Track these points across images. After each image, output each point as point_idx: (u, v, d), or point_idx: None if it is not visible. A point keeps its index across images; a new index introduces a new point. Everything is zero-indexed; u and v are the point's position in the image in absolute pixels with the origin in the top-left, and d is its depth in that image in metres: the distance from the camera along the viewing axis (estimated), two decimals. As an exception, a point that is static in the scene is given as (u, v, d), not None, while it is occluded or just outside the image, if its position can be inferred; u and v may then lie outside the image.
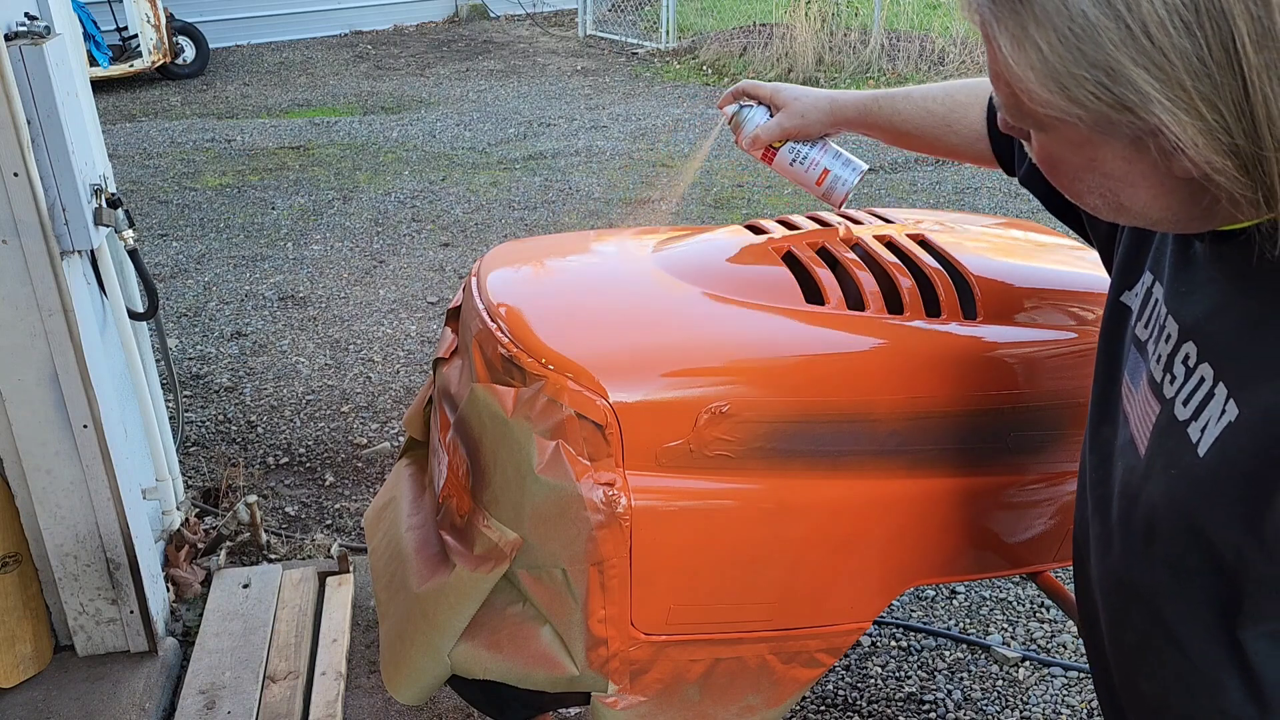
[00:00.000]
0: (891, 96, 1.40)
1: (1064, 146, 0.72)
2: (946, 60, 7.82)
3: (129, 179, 5.71)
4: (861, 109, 1.43)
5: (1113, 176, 0.71)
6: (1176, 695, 0.84)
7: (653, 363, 1.32)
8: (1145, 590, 0.84)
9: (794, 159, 1.50)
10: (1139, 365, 0.86)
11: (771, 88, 1.50)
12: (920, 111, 1.37)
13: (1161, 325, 0.83)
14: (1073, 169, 0.73)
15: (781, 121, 1.47)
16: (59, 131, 1.75)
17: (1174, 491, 0.78)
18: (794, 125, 1.47)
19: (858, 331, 1.37)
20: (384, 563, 1.58)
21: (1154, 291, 0.85)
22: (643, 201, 5.31)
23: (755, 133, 1.50)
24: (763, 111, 1.50)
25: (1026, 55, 0.66)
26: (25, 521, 1.99)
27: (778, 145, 1.50)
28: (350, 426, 3.21)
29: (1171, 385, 0.80)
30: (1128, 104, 0.64)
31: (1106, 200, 0.73)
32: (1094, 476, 0.93)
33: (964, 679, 2.21)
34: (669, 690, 1.36)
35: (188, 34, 8.67)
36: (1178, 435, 0.77)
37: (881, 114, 1.41)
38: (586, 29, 10.45)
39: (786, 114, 1.47)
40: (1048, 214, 1.20)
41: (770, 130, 1.48)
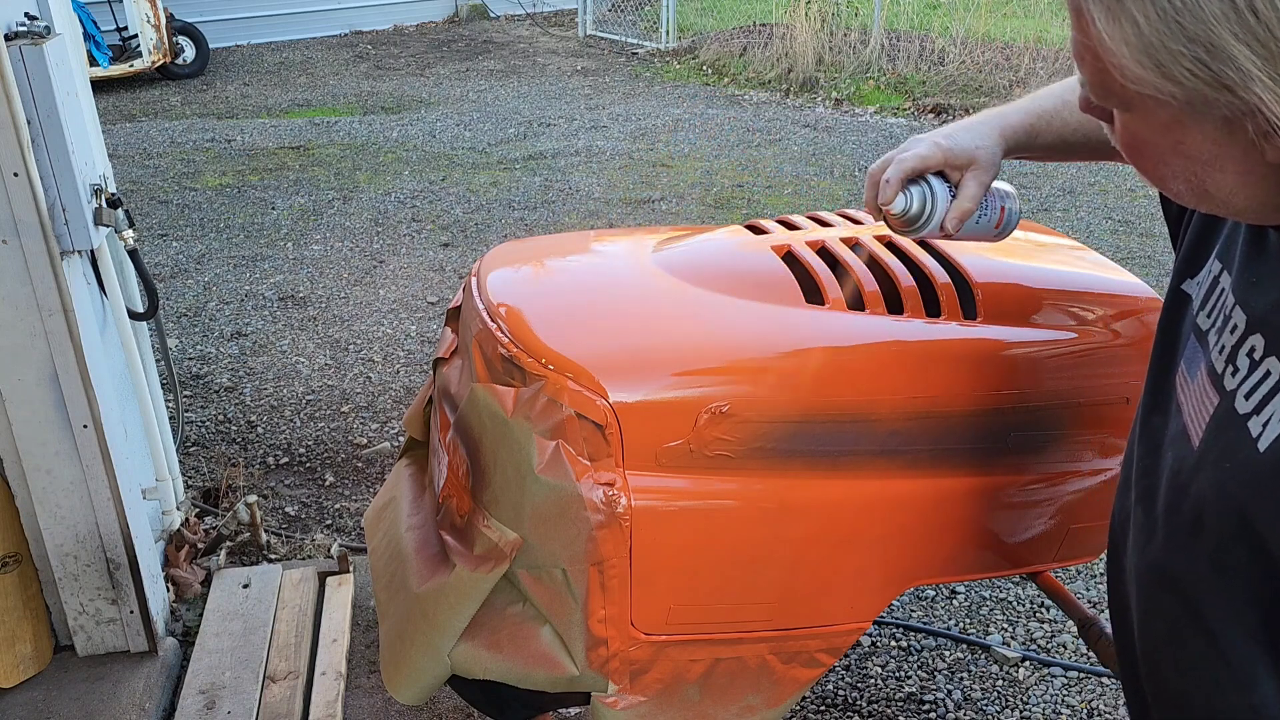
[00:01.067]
0: (1054, 109, 1.23)
1: (1150, 128, 0.70)
2: (946, 60, 7.83)
3: (129, 179, 5.70)
4: (1029, 130, 1.24)
5: (1199, 160, 0.69)
6: (1204, 689, 0.83)
7: (653, 363, 1.32)
8: (1185, 582, 0.82)
9: (980, 216, 1.25)
10: (1197, 355, 0.85)
11: (941, 152, 1.21)
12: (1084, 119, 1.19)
13: (1227, 315, 0.81)
14: (1158, 151, 0.71)
15: (982, 181, 1.22)
16: (59, 131, 1.75)
17: (1227, 485, 0.76)
18: (990, 179, 1.23)
19: (858, 332, 1.37)
20: (384, 563, 1.58)
21: (1220, 281, 0.84)
22: (643, 201, 5.31)
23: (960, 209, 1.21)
24: (941, 184, 1.21)
25: (1122, 29, 0.64)
26: (25, 521, 1.99)
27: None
28: (350, 426, 3.21)
29: (1234, 377, 0.78)
30: (1227, 82, 0.62)
31: (1191, 186, 0.72)
32: (1141, 466, 0.91)
33: (964, 679, 2.21)
34: (669, 690, 1.36)
35: (188, 34, 8.67)
36: (1237, 428, 0.76)
37: (1050, 129, 1.24)
38: (586, 29, 10.45)
39: (981, 170, 1.22)
40: (1047, 214, 1.19)
41: (975, 198, 1.21)
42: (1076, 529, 1.51)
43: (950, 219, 1.21)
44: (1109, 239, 4.76)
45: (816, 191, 5.49)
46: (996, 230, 1.28)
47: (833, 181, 5.62)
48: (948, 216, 1.21)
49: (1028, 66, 7.32)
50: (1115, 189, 5.44)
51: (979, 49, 7.80)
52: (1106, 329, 1.47)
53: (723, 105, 7.48)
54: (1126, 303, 1.51)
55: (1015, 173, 5.68)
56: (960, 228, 1.23)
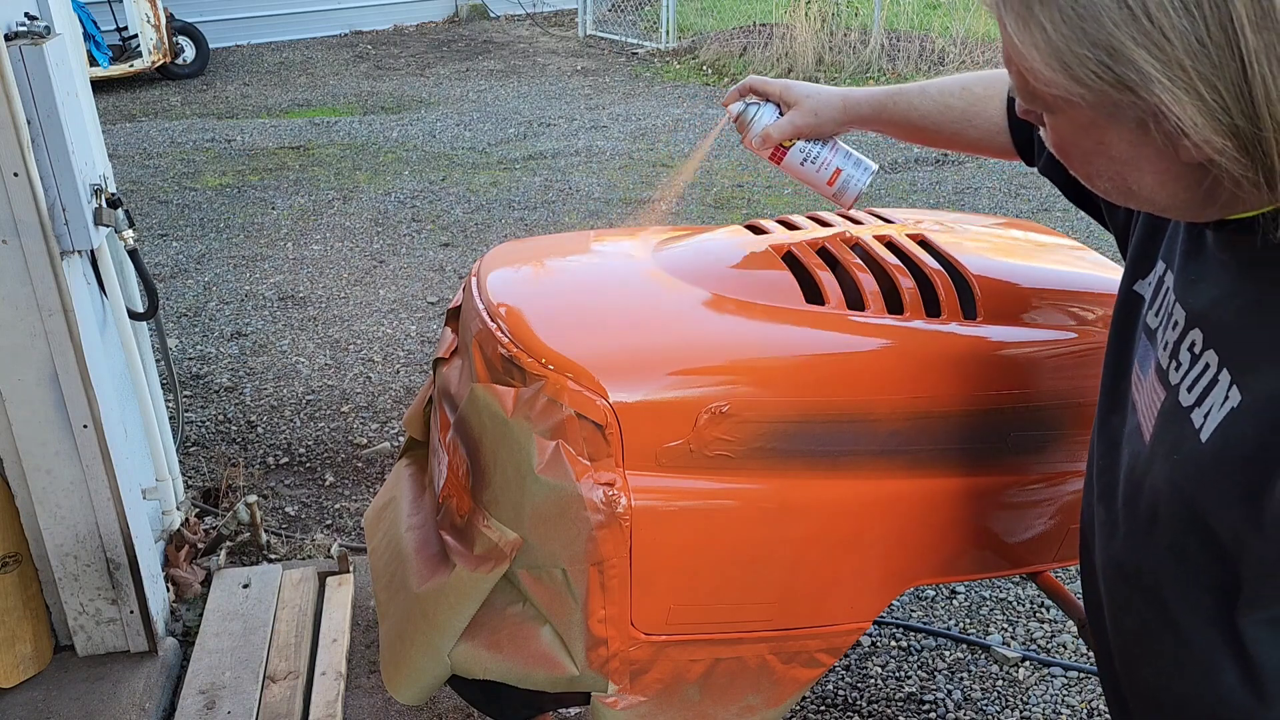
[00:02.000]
0: (906, 92, 1.37)
1: (1073, 129, 0.72)
2: (946, 60, 7.82)
3: (129, 179, 5.70)
4: (876, 106, 1.40)
5: (1120, 160, 0.71)
6: (1174, 680, 0.84)
7: (653, 363, 1.32)
8: (1147, 576, 0.84)
9: (805, 159, 1.46)
10: (1149, 353, 0.87)
11: (781, 84, 1.45)
12: (938, 106, 1.34)
13: (1170, 313, 0.83)
14: (1082, 152, 0.74)
15: (794, 119, 1.43)
16: (59, 131, 1.75)
17: (1176, 477, 0.78)
18: (806, 123, 1.42)
19: (858, 332, 1.37)
20: (384, 563, 1.58)
21: (1165, 280, 0.86)
22: (643, 201, 5.31)
23: (765, 131, 1.44)
24: (771, 109, 1.45)
25: (1031, 35, 0.67)
26: (25, 521, 1.99)
27: (788, 144, 1.45)
28: (350, 426, 3.21)
29: (1177, 372, 0.80)
30: (1129, 84, 0.64)
31: (1115, 184, 0.74)
32: (1101, 464, 0.94)
33: (964, 679, 2.21)
34: (669, 690, 1.36)
35: (188, 34, 8.67)
36: (1181, 421, 0.78)
37: (897, 110, 1.38)
38: (586, 29, 10.45)
39: (799, 112, 1.42)
40: (1047, 214, 1.21)
41: (782, 128, 1.44)
42: (1076, 529, 1.51)
43: (757, 136, 1.44)
44: (1109, 239, 4.76)
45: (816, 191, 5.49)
46: (829, 187, 1.47)
47: (833, 181, 5.62)
48: (756, 133, 1.44)
49: (1028, 66, 7.30)
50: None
51: (979, 49, 7.79)
52: (1106, 329, 1.47)
53: (723, 105, 7.47)
54: (1126, 303, 1.51)
55: (1016, 173, 5.68)
56: (768, 150, 1.45)
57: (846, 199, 1.48)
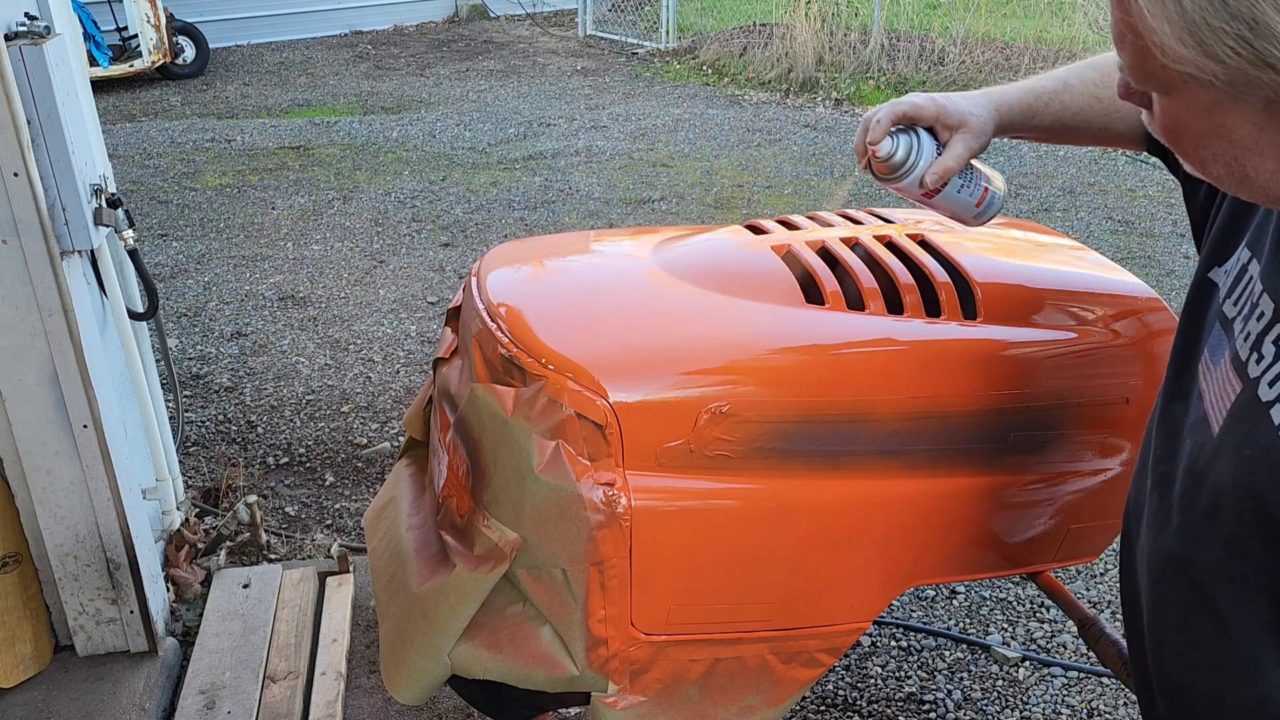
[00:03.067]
0: (1053, 90, 1.23)
1: (1191, 111, 0.69)
2: (947, 60, 7.82)
3: (129, 179, 5.70)
4: (1026, 109, 1.24)
5: (1240, 144, 0.68)
6: (1211, 677, 0.83)
7: (653, 363, 1.32)
8: (1197, 569, 0.82)
9: (961, 187, 1.24)
10: (1222, 342, 0.84)
11: (936, 107, 1.22)
12: (1088, 100, 1.21)
13: (1254, 303, 0.81)
14: (1198, 135, 0.70)
15: (969, 145, 1.22)
16: (59, 131, 1.75)
17: (1245, 473, 0.76)
18: (979, 147, 1.23)
19: (858, 332, 1.37)
20: (384, 563, 1.58)
21: (1249, 269, 0.83)
22: (643, 201, 5.31)
23: (943, 166, 1.21)
24: (928, 139, 1.22)
25: (1164, 6, 0.63)
26: (25, 521, 1.99)
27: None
28: (350, 426, 3.21)
29: (1258, 365, 0.78)
30: (1270, 60, 0.61)
31: (1231, 171, 0.71)
32: (1159, 453, 0.91)
33: (964, 679, 2.21)
34: (669, 690, 1.36)
35: (188, 34, 8.67)
36: (1258, 416, 0.76)
37: (1049, 111, 1.23)
38: (586, 29, 10.45)
39: (970, 135, 1.22)
40: (1047, 214, 1.20)
41: (960, 158, 1.21)
42: (1076, 529, 1.51)
43: (931, 173, 1.21)
44: (1109, 239, 4.76)
45: (816, 191, 5.49)
46: (977, 209, 1.27)
47: (833, 181, 5.62)
48: (929, 170, 1.21)
49: (1027, 66, 7.31)
50: (1115, 189, 5.44)
51: (979, 49, 7.79)
52: (1106, 329, 1.47)
53: (723, 105, 7.47)
54: (1126, 303, 1.51)
55: (1016, 172, 5.68)
56: (940, 185, 1.22)
57: (989, 216, 1.30)
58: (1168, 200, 5.25)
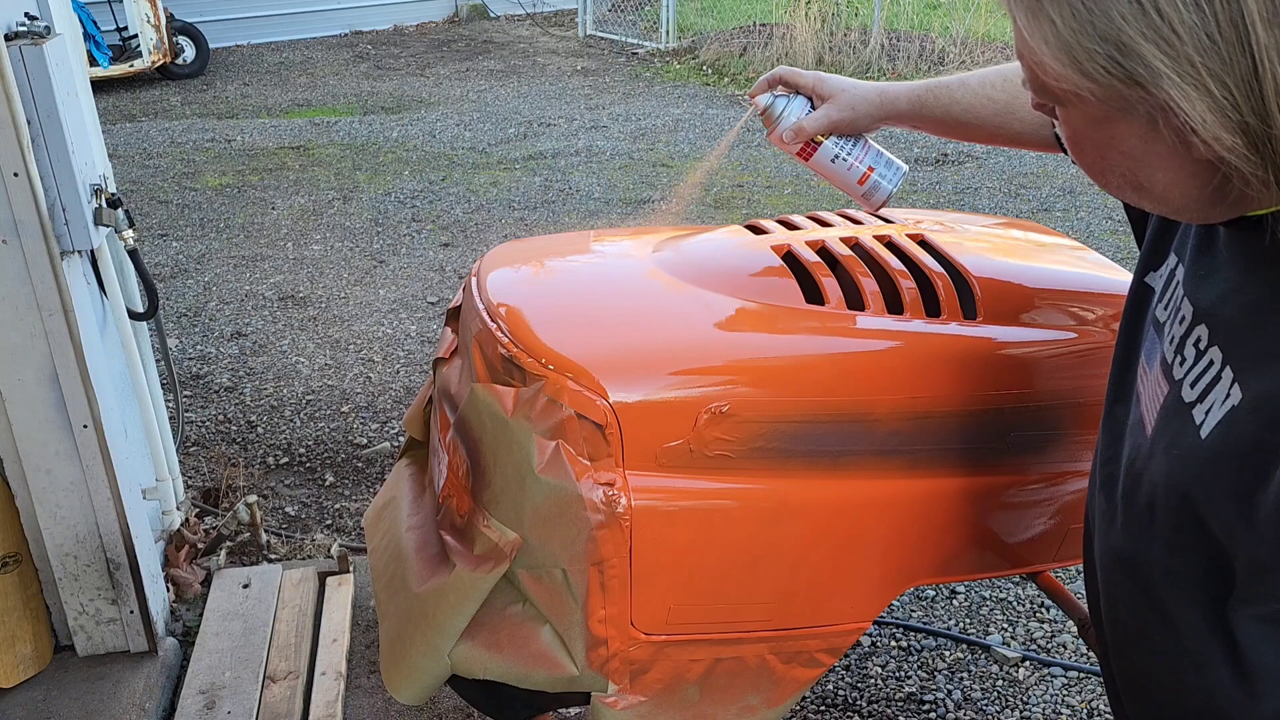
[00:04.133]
0: (946, 85, 1.32)
1: (1085, 123, 0.72)
2: (946, 60, 7.82)
3: (129, 179, 5.70)
4: (915, 101, 1.33)
5: (1131, 156, 0.71)
6: (1165, 673, 0.85)
7: (653, 363, 1.32)
8: (1142, 567, 0.85)
9: (835, 156, 1.38)
10: (1155, 346, 0.87)
11: (814, 77, 1.38)
12: (980, 99, 1.29)
13: (1178, 307, 0.83)
14: (1094, 147, 0.73)
15: (829, 114, 1.36)
16: (59, 131, 1.75)
17: (1174, 471, 0.79)
18: (842, 118, 1.35)
19: (858, 332, 1.37)
20: (384, 563, 1.58)
21: (1175, 274, 0.86)
22: (643, 201, 5.31)
23: (798, 124, 1.37)
24: (802, 102, 1.38)
25: (1041, 29, 0.66)
26: (25, 521, 1.99)
27: (818, 141, 1.38)
28: (350, 426, 3.21)
29: (1181, 367, 0.80)
30: (1138, 79, 0.64)
31: (1127, 180, 0.74)
32: (1105, 454, 0.94)
33: (964, 679, 2.21)
34: (669, 690, 1.36)
35: (188, 34, 8.67)
36: (1183, 416, 0.78)
37: (938, 104, 1.32)
38: (586, 29, 10.45)
39: (834, 106, 1.35)
40: (1047, 214, 1.21)
41: (817, 122, 1.36)
42: (1076, 529, 1.51)
43: (788, 130, 1.38)
44: (1109, 239, 4.77)
45: (816, 191, 5.49)
46: (859, 186, 1.40)
47: (833, 181, 5.62)
48: (786, 127, 1.38)
49: (1028, 66, 7.30)
50: (1115, 189, 5.44)
51: (979, 49, 7.79)
52: (1106, 329, 1.47)
53: (723, 105, 7.47)
54: (1126, 303, 1.51)
55: (1015, 172, 5.68)
56: (799, 145, 1.38)
57: (876, 200, 1.42)
58: (1168, 200, 5.25)
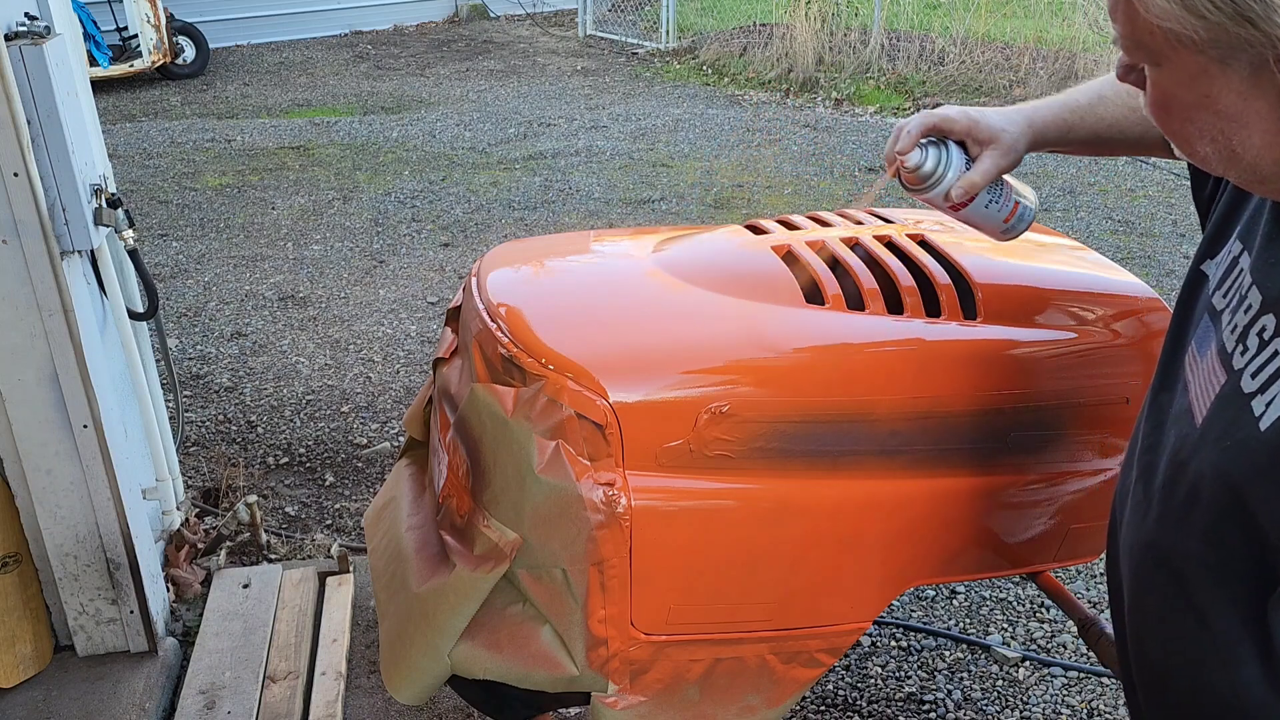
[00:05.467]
0: (1089, 104, 1.23)
1: (1178, 81, 0.70)
2: (947, 60, 7.82)
3: (129, 179, 5.70)
4: (1062, 126, 1.24)
5: (1226, 115, 0.70)
6: (1188, 666, 0.83)
7: (653, 363, 1.32)
8: (1176, 557, 0.83)
9: (989, 201, 1.25)
10: (1209, 333, 0.85)
11: (967, 121, 1.23)
12: (1123, 110, 1.21)
13: (1243, 295, 0.81)
14: (1185, 108, 0.71)
15: (998, 163, 1.22)
16: (59, 131, 1.75)
17: (1225, 463, 0.77)
18: (1009, 163, 1.23)
19: (858, 332, 1.37)
20: (384, 563, 1.58)
21: (1240, 261, 0.84)
22: (643, 201, 5.31)
23: (969, 180, 1.22)
24: (958, 152, 1.23)
25: None
26: (25, 521, 1.99)
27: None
28: (350, 426, 3.21)
29: (1243, 356, 0.78)
30: (1248, 14, 0.63)
31: (1218, 147, 0.72)
32: (1145, 443, 0.92)
33: (964, 679, 2.21)
34: (669, 690, 1.36)
35: (188, 34, 8.67)
36: (1240, 407, 0.76)
37: (1084, 125, 1.23)
38: (586, 29, 10.45)
39: (999, 152, 1.22)
40: (1047, 214, 1.21)
41: (987, 175, 1.22)
42: (1076, 529, 1.51)
43: (958, 187, 1.22)
44: (1109, 239, 4.76)
45: (816, 191, 5.49)
46: (1005, 224, 1.28)
47: (833, 181, 5.62)
48: (956, 184, 1.22)
49: (1027, 66, 7.31)
50: (1115, 189, 5.44)
51: (979, 49, 7.79)
52: (1106, 329, 1.47)
53: (723, 105, 7.47)
54: (1126, 303, 1.51)
55: (1016, 173, 5.67)
56: (966, 200, 1.23)
57: (1017, 233, 1.30)
58: (1167, 200, 5.25)
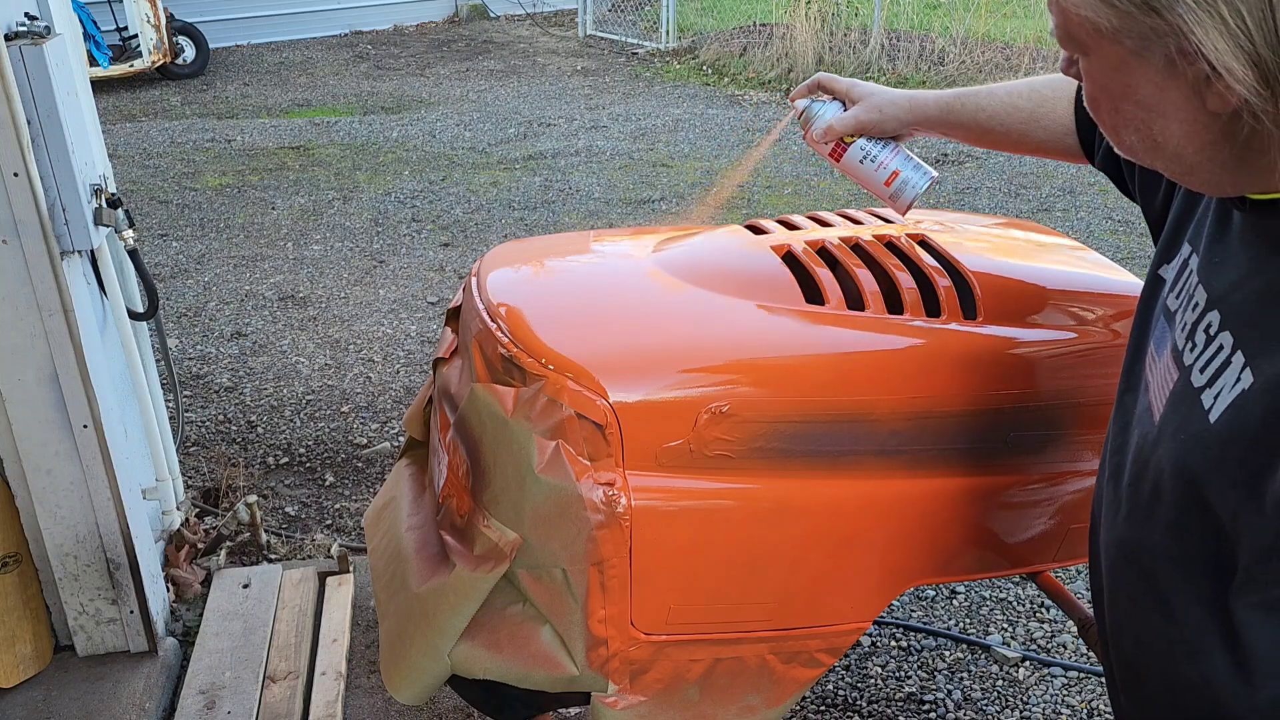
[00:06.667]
0: (974, 94, 1.37)
1: (1105, 71, 0.73)
2: (946, 60, 7.82)
3: (129, 179, 5.70)
4: (943, 107, 1.38)
5: (1146, 106, 0.72)
6: (1161, 661, 0.85)
7: (653, 362, 1.32)
8: (1145, 554, 0.85)
9: (864, 157, 1.42)
10: (1165, 334, 0.88)
11: (849, 82, 1.44)
12: (1006, 108, 1.33)
13: (1191, 295, 0.84)
14: (1112, 98, 0.75)
15: (858, 114, 1.41)
16: (59, 131, 1.75)
17: (1182, 456, 0.79)
18: (870, 119, 1.40)
19: (858, 331, 1.37)
20: (384, 563, 1.58)
21: (1190, 263, 0.87)
22: (643, 201, 5.31)
23: (829, 124, 1.42)
24: (836, 106, 1.44)
25: None
26: (25, 521, 1.99)
27: (849, 141, 1.43)
28: (350, 426, 3.21)
29: (1191, 352, 0.81)
30: (1154, 4, 0.65)
31: (1142, 136, 0.75)
32: (1113, 444, 0.95)
33: (964, 679, 2.21)
34: (669, 690, 1.36)
35: (188, 34, 8.67)
36: (1191, 401, 0.79)
37: (965, 112, 1.36)
38: (586, 29, 10.45)
39: (864, 107, 1.40)
40: (1047, 214, 1.21)
41: (845, 122, 1.41)
42: (1076, 529, 1.51)
43: (817, 128, 1.43)
44: (1109, 239, 4.76)
45: (816, 191, 5.49)
46: (887, 188, 1.43)
47: (833, 181, 5.62)
48: (819, 126, 1.43)
49: (1027, 66, 7.32)
50: (1115, 189, 5.43)
51: (979, 49, 7.79)
52: (1106, 329, 1.47)
53: (723, 105, 7.48)
54: (1127, 303, 1.51)
55: (1015, 172, 5.68)
56: (827, 143, 1.43)
57: (902, 202, 1.44)
58: (1168, 200, 5.25)
